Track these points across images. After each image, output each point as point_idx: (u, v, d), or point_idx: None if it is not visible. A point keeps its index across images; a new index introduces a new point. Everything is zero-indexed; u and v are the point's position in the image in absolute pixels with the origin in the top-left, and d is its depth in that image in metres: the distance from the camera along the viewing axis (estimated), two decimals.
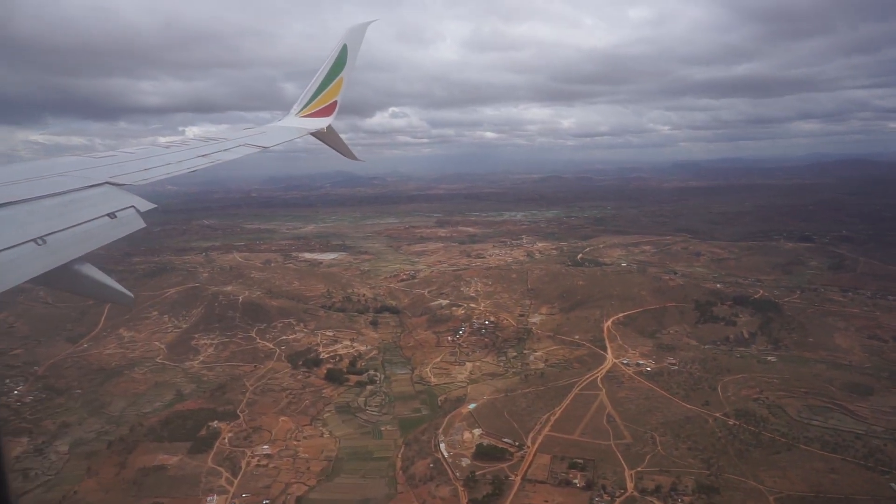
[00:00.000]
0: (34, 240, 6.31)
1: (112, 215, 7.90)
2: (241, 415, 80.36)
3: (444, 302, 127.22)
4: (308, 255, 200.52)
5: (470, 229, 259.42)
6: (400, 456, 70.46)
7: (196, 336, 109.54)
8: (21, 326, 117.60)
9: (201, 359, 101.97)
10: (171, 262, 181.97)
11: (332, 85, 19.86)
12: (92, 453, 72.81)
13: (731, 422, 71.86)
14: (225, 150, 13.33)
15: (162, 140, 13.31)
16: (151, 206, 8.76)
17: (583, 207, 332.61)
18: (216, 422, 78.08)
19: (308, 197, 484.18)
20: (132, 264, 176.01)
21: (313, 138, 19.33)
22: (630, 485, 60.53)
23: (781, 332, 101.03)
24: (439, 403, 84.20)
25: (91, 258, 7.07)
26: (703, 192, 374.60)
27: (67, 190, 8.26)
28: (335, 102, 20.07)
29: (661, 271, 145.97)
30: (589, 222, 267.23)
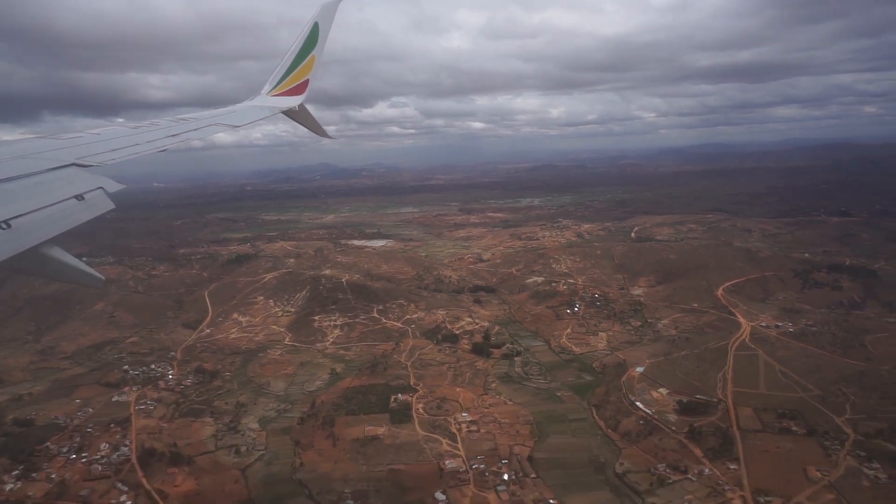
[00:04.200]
0: None
1: (80, 197, 7.77)
2: (417, 388, 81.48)
3: (540, 279, 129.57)
4: (357, 243, 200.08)
5: (499, 215, 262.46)
6: (597, 416, 72.85)
7: (315, 318, 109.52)
8: (122, 315, 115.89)
9: (331, 339, 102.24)
10: (218, 252, 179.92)
11: (303, 63, 19.66)
12: (287, 429, 73.12)
13: None
14: (194, 129, 13.27)
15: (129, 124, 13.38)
16: (120, 186, 8.65)
17: (594, 193, 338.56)
18: (399, 395, 79.08)
19: (306, 188, 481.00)
20: (183, 255, 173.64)
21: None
22: (849, 430, 64.15)
23: (890, 296, 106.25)
24: (597, 369, 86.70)
25: (61, 240, 6.97)
26: (704, 176, 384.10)
27: (32, 172, 8.04)
28: (307, 81, 19.99)
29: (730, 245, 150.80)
30: (612, 206, 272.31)
